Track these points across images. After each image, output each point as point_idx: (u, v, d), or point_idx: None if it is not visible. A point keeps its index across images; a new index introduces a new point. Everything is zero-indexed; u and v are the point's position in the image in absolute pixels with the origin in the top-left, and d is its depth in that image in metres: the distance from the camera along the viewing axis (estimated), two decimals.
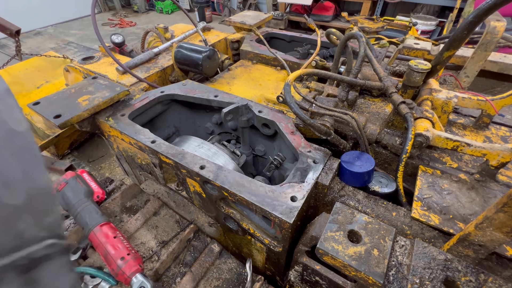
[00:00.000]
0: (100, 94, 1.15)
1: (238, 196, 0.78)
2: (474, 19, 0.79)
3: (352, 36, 1.04)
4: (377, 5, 4.87)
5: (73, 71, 1.75)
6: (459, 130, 1.08)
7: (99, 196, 1.00)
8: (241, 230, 0.97)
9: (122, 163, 1.37)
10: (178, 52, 1.52)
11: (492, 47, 1.16)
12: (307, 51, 1.72)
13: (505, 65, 1.33)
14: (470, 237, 0.60)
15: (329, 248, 0.61)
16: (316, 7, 5.24)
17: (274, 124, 1.05)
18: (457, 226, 0.72)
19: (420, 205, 0.78)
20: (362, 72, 1.20)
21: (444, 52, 0.91)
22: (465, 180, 0.85)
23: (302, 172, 0.84)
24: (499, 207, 0.51)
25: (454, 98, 0.96)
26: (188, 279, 0.84)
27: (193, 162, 0.88)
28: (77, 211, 0.89)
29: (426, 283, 0.57)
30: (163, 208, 1.05)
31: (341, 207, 0.71)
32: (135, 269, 0.76)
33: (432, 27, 4.46)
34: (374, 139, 1.00)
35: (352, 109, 1.14)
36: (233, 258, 0.93)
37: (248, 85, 1.55)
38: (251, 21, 1.92)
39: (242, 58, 1.86)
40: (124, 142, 1.09)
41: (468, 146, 0.80)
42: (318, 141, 1.00)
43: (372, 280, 0.57)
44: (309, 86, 1.20)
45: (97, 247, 0.82)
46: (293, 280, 0.83)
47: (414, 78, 0.90)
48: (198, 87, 1.26)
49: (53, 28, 6.39)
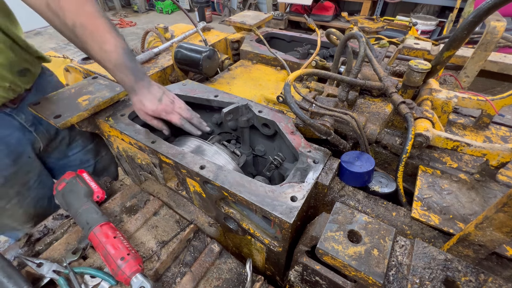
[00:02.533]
0: (100, 94, 1.15)
1: (238, 196, 0.78)
2: (474, 19, 0.79)
3: (352, 36, 1.04)
4: (377, 5, 4.88)
5: (73, 71, 1.75)
6: (459, 130, 1.08)
7: (99, 196, 1.00)
8: (241, 230, 0.97)
9: (122, 163, 1.37)
10: (178, 52, 1.52)
11: (492, 47, 1.16)
12: (307, 51, 1.72)
13: (505, 65, 1.33)
14: (470, 237, 0.60)
15: (329, 248, 0.61)
16: (316, 7, 5.24)
17: (274, 124, 1.05)
18: (457, 226, 0.72)
19: (420, 205, 0.78)
20: (362, 72, 1.20)
21: (444, 52, 0.91)
22: (465, 180, 0.85)
23: (302, 172, 0.84)
24: (499, 207, 0.51)
25: (454, 98, 0.96)
26: (188, 279, 0.84)
27: (193, 162, 0.88)
28: (77, 211, 0.89)
29: (426, 283, 0.57)
30: (163, 208, 1.05)
31: (341, 207, 0.71)
32: (135, 269, 0.76)
33: (432, 27, 4.47)
34: (374, 139, 1.00)
35: (352, 109, 1.14)
36: (233, 258, 0.93)
37: (248, 85, 1.55)
38: (251, 21, 1.92)
39: (242, 58, 1.86)
40: (124, 142, 1.09)
41: (468, 146, 0.80)
42: (318, 141, 1.00)
43: (372, 280, 0.57)
44: (309, 86, 1.20)
45: (97, 247, 0.82)
46: (293, 280, 0.83)
47: (414, 78, 0.90)
48: (198, 87, 1.26)
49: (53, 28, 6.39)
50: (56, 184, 0.99)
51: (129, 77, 0.92)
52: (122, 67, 0.91)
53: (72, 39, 0.90)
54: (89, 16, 0.87)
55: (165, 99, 0.98)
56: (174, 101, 1.01)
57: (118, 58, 0.89)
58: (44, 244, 0.94)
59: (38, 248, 0.93)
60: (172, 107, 0.98)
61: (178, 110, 0.99)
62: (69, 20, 0.85)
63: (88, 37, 0.87)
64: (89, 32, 0.87)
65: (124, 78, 0.92)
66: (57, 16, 0.85)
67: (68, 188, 0.95)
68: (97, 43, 0.88)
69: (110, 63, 0.90)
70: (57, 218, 1.04)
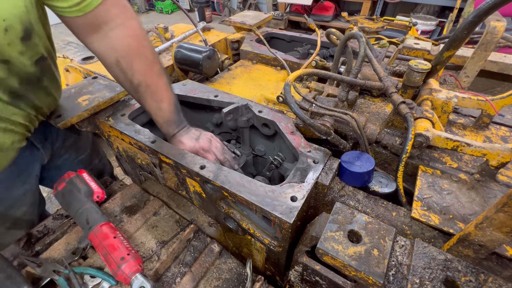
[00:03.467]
0: (100, 94, 1.15)
1: (238, 196, 0.78)
2: (474, 19, 0.79)
3: (352, 36, 1.04)
4: (377, 5, 4.87)
5: (73, 71, 1.75)
6: (459, 130, 1.08)
7: (99, 196, 1.00)
8: (241, 230, 0.97)
9: (122, 163, 1.37)
10: (178, 52, 1.52)
11: (492, 47, 1.16)
12: (307, 51, 1.72)
13: (505, 65, 1.33)
14: (470, 237, 0.60)
15: (329, 248, 0.61)
16: (316, 7, 5.24)
17: (274, 124, 1.05)
18: (457, 226, 0.72)
19: (420, 205, 0.78)
20: (362, 72, 1.20)
21: (444, 52, 0.91)
22: (465, 180, 0.85)
23: (302, 172, 0.84)
24: (499, 207, 0.51)
25: (454, 98, 0.96)
26: (188, 279, 0.84)
27: (193, 162, 0.89)
28: (77, 211, 0.89)
29: (426, 283, 0.57)
30: (163, 208, 1.05)
31: (341, 207, 0.71)
32: (135, 269, 0.76)
33: (432, 27, 4.46)
34: (374, 139, 1.00)
35: (352, 109, 1.14)
36: (233, 258, 0.93)
37: (248, 85, 1.55)
38: (251, 21, 1.92)
39: (242, 58, 1.86)
40: (124, 142, 1.09)
41: (468, 146, 0.80)
42: (318, 141, 1.00)
43: (372, 280, 0.57)
44: (309, 86, 1.20)
45: (97, 247, 0.82)
46: (293, 280, 0.83)
47: (414, 78, 0.90)
48: (198, 87, 1.26)
49: (53, 28, 6.34)
50: (56, 184, 0.99)
51: (173, 128, 1.00)
52: (171, 122, 0.99)
53: (131, 92, 0.95)
54: (155, 76, 0.93)
55: (202, 138, 1.02)
56: (211, 141, 1.04)
57: (170, 115, 0.98)
58: (44, 244, 0.94)
59: (38, 248, 0.93)
60: (209, 146, 1.01)
61: (214, 150, 1.01)
62: (136, 80, 0.89)
63: (149, 95, 0.93)
64: (151, 91, 0.93)
65: (169, 129, 1.00)
66: (125, 74, 0.89)
67: (68, 188, 0.95)
68: (155, 101, 0.95)
69: (162, 118, 0.98)
70: (57, 218, 1.03)
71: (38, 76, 0.88)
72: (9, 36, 0.70)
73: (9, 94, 0.81)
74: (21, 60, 0.78)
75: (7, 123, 0.85)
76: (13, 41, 0.72)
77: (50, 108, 1.04)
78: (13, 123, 0.87)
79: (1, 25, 0.67)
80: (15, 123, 0.87)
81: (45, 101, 0.97)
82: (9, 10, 0.68)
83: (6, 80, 0.78)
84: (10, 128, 0.87)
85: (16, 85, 0.81)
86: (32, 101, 0.91)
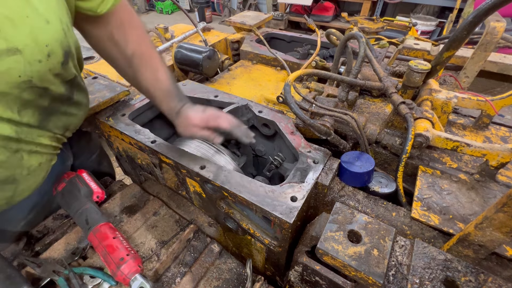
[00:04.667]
0: (100, 94, 1.15)
1: (238, 196, 0.78)
2: (474, 20, 0.79)
3: (352, 36, 1.04)
4: (377, 5, 4.88)
5: None
6: (459, 130, 1.08)
7: (99, 196, 0.99)
8: (241, 230, 0.97)
9: (122, 163, 1.37)
10: (178, 52, 1.52)
11: (492, 47, 1.16)
12: (307, 51, 1.72)
13: (505, 66, 1.34)
14: (470, 237, 0.60)
15: (329, 248, 0.61)
16: (316, 8, 5.25)
17: (274, 124, 1.05)
18: (457, 226, 0.72)
19: (420, 205, 0.78)
20: (362, 72, 1.20)
21: (444, 53, 0.91)
22: (465, 180, 0.85)
23: (302, 172, 0.84)
24: (499, 207, 0.51)
25: (454, 98, 0.96)
26: (188, 279, 0.84)
27: (193, 162, 0.89)
28: (77, 211, 0.89)
29: (426, 283, 0.57)
30: (163, 208, 1.05)
31: (341, 207, 0.71)
32: (134, 269, 0.76)
33: (432, 27, 4.47)
34: (374, 139, 1.00)
35: (352, 109, 1.15)
36: (233, 258, 0.93)
37: (248, 85, 1.55)
38: (251, 22, 1.92)
39: (242, 58, 1.86)
40: (124, 142, 1.09)
41: (468, 146, 0.80)
42: (318, 141, 1.00)
43: (372, 280, 0.57)
44: (309, 87, 1.20)
45: (97, 247, 0.82)
46: (293, 280, 0.83)
47: (414, 78, 0.90)
48: (198, 87, 1.26)
49: None
50: (56, 184, 0.99)
51: (176, 103, 0.95)
52: (172, 95, 0.95)
53: (125, 68, 0.93)
54: (148, 46, 0.92)
55: (209, 109, 0.97)
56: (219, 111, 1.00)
57: (169, 86, 0.94)
58: (44, 244, 0.94)
59: (38, 248, 0.93)
60: (218, 113, 0.96)
61: (224, 115, 0.96)
62: (130, 49, 0.89)
63: (144, 65, 0.91)
64: (145, 61, 0.91)
65: (171, 104, 0.96)
66: (118, 46, 0.88)
67: (68, 188, 0.95)
68: (151, 71, 0.92)
69: (160, 90, 0.94)
70: (57, 218, 1.03)
71: (68, 94, 0.86)
72: (52, 62, 0.68)
73: (39, 115, 0.78)
74: (56, 84, 0.77)
75: (32, 145, 0.81)
76: (54, 67, 0.70)
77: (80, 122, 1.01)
78: (39, 145, 0.84)
79: (44, 51, 0.64)
80: (41, 145, 0.84)
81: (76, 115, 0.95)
82: (50, 35, 0.65)
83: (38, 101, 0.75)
84: (35, 150, 0.83)
85: (46, 104, 0.79)
86: (60, 120, 0.89)
